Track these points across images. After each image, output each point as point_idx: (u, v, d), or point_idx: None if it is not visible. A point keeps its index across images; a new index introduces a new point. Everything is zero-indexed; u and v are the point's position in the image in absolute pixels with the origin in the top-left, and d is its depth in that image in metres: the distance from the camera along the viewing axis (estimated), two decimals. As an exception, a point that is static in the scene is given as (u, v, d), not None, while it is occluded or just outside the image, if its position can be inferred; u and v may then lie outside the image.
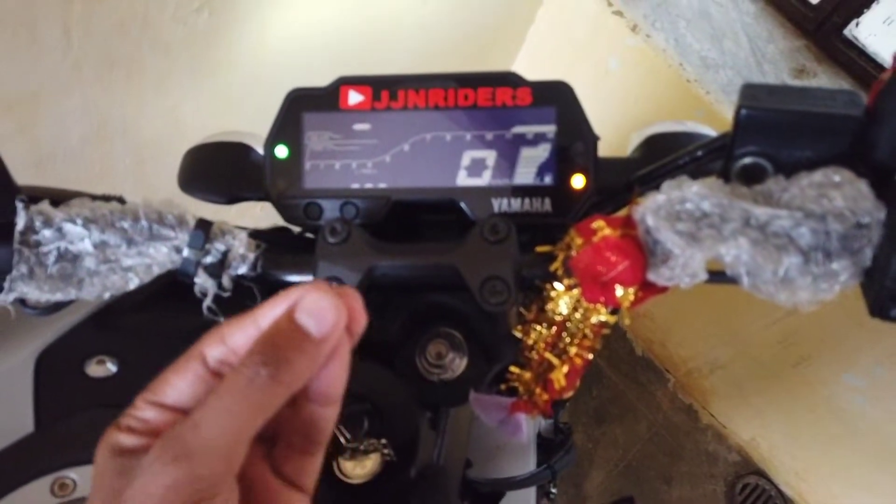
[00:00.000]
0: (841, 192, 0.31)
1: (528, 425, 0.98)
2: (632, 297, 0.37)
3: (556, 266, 0.39)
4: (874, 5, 1.36)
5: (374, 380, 0.46)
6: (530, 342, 0.44)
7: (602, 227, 0.36)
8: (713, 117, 1.39)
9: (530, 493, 0.91)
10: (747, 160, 0.35)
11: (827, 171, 0.32)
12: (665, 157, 0.43)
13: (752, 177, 0.35)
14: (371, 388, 0.45)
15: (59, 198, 0.40)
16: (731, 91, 1.39)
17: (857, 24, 1.42)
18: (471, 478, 0.77)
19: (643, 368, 2.02)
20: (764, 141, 0.34)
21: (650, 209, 0.35)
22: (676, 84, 1.42)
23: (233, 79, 1.02)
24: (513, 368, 0.46)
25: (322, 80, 0.49)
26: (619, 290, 0.36)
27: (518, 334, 0.44)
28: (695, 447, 1.94)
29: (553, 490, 1.12)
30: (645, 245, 0.36)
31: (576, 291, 0.38)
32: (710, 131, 0.52)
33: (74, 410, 0.37)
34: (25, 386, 0.43)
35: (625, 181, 0.44)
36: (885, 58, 1.44)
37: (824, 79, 1.44)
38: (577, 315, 0.39)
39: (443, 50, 1.42)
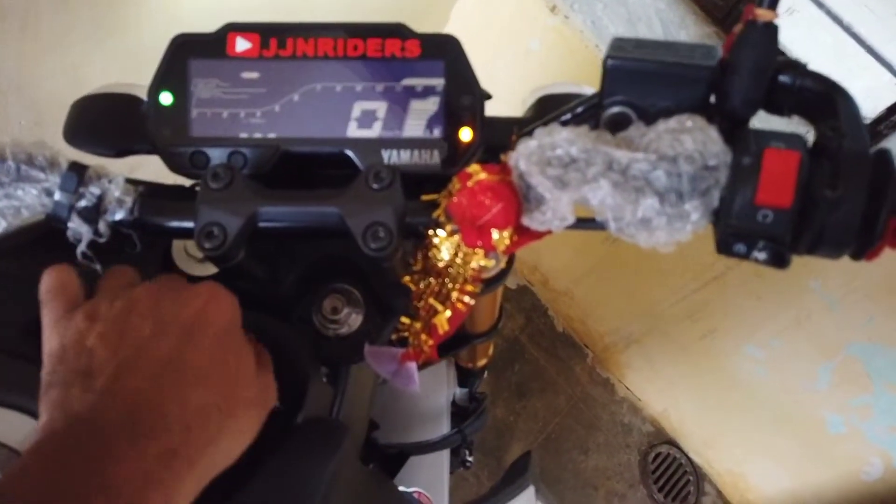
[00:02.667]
0: (692, 136, 0.33)
1: (442, 394, 1.00)
2: (507, 242, 0.38)
3: (438, 212, 0.39)
4: (778, -5, 1.44)
5: (265, 330, 0.46)
6: (419, 292, 0.45)
7: (477, 171, 0.37)
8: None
9: (443, 458, 0.93)
10: (614, 109, 0.37)
11: (681, 118, 0.33)
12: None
13: (618, 125, 0.37)
14: (262, 338, 0.45)
15: (-80, 138, 0.38)
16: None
17: (762, 14, 1.49)
18: (378, 441, 0.78)
19: (563, 344, 2.08)
20: (628, 90, 0.36)
21: (523, 154, 0.36)
22: (593, 65, 1.46)
23: (142, 37, 0.98)
24: (404, 319, 0.47)
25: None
26: (495, 234, 0.37)
27: (409, 285, 0.45)
28: (611, 419, 2.01)
29: (469, 458, 1.15)
30: (519, 189, 0.37)
31: (456, 237, 0.39)
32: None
33: None
34: None
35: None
36: (787, 46, 1.52)
37: (732, 64, 1.51)
38: (458, 260, 0.40)
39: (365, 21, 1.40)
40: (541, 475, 0.94)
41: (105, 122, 0.51)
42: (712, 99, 0.36)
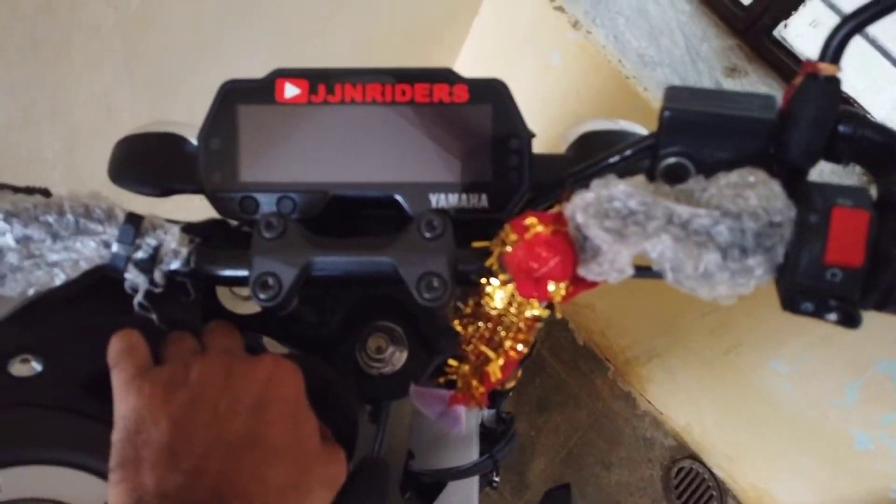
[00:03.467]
0: (755, 192, 0.32)
1: (470, 416, 0.99)
2: (563, 292, 0.38)
3: (491, 261, 0.39)
4: (801, 8, 1.42)
5: (312, 374, 0.46)
6: (468, 336, 0.44)
7: (534, 224, 0.37)
8: (650, 114, 1.43)
9: (473, 482, 0.93)
10: (671, 160, 0.37)
11: (742, 172, 0.33)
12: (597, 154, 0.44)
13: (675, 176, 0.36)
14: (309, 383, 0.45)
15: (-21, 190, 0.39)
16: (667, 88, 1.43)
17: (785, 26, 1.48)
18: (413, 469, 0.78)
19: (584, 358, 2.07)
20: (686, 141, 0.36)
21: (580, 207, 0.36)
22: (615, 80, 1.45)
23: (168, 65, 0.99)
24: (452, 361, 0.47)
25: (258, 66, 0.48)
26: (551, 286, 0.37)
27: (457, 328, 0.45)
28: (633, 433, 2.00)
29: (496, 478, 1.14)
30: (575, 241, 0.37)
31: (510, 286, 0.39)
32: (641, 129, 0.54)
33: None
34: None
35: (559, 178, 0.45)
36: (810, 58, 1.51)
37: (755, 77, 1.50)
38: (512, 309, 0.40)
39: (386, 37, 1.41)
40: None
41: (149, 162, 0.52)
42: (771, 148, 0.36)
